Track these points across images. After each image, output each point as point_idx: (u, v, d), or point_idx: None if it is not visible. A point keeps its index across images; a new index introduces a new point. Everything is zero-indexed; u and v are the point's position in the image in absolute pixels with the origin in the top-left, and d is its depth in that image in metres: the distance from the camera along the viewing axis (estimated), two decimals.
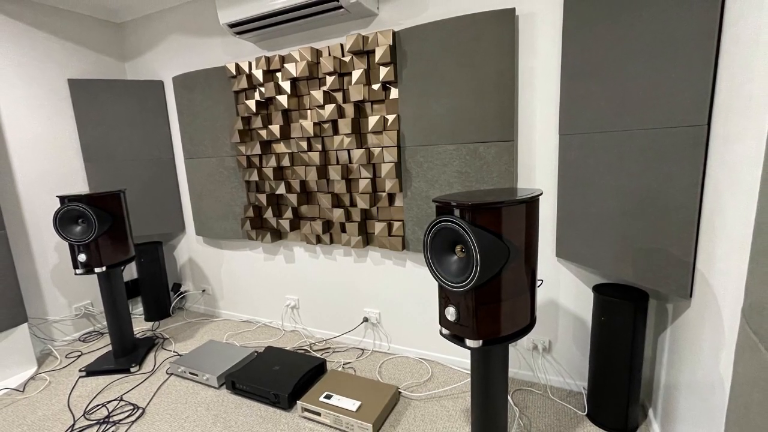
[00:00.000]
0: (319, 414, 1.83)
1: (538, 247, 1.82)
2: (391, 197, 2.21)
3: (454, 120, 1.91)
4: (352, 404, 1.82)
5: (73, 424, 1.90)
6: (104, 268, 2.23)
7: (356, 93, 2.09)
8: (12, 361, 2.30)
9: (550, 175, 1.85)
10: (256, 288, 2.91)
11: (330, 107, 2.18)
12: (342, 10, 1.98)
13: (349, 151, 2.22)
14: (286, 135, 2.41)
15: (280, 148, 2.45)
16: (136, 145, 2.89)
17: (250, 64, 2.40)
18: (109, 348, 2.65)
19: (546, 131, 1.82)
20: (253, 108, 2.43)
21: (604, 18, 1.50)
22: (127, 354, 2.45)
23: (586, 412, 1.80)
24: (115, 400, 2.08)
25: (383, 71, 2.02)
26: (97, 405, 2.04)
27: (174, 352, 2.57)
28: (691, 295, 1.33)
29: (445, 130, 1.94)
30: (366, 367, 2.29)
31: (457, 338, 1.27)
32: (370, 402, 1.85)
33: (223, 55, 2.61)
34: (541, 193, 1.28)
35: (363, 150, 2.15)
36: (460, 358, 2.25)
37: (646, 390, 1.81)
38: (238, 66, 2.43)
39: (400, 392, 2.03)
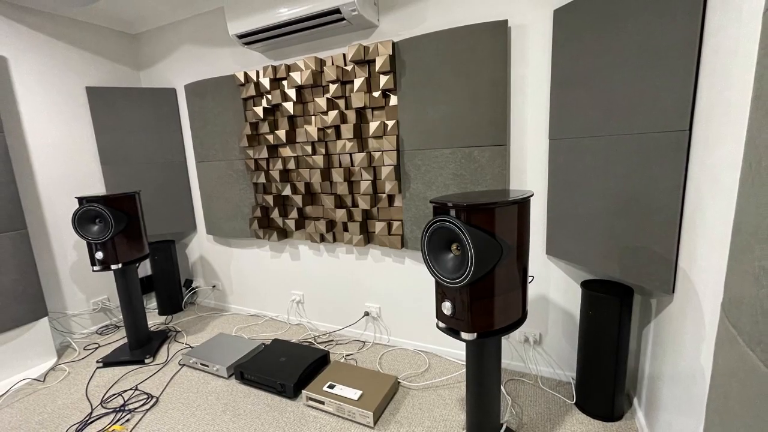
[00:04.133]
0: (322, 402, 1.83)
1: (529, 245, 1.82)
2: (390, 198, 2.21)
3: (450, 125, 1.91)
4: (353, 393, 1.82)
5: (91, 412, 1.90)
6: (120, 265, 2.23)
7: (358, 100, 2.09)
8: (33, 353, 2.30)
9: (541, 178, 1.85)
10: (264, 284, 2.91)
11: (333, 113, 2.18)
12: (344, 21, 1.98)
13: (351, 154, 2.21)
14: (291, 140, 2.41)
15: (286, 152, 2.45)
16: (150, 149, 2.89)
17: (257, 72, 2.40)
18: (125, 340, 2.65)
19: (537, 136, 1.82)
20: (261, 114, 2.43)
21: (592, 29, 1.50)
22: (141, 346, 2.45)
23: (574, 401, 1.80)
24: (130, 389, 2.08)
25: (383, 79, 2.02)
26: (114, 394, 2.04)
27: (186, 344, 2.57)
28: (673, 291, 1.33)
29: (441, 135, 1.94)
30: (367, 359, 2.29)
31: (453, 331, 1.28)
32: (370, 391, 1.85)
33: (232, 65, 2.61)
34: (532, 195, 1.28)
35: (364, 154, 2.15)
36: (455, 350, 2.25)
37: (631, 380, 1.81)
38: (246, 74, 2.43)
39: (399, 382, 2.03)
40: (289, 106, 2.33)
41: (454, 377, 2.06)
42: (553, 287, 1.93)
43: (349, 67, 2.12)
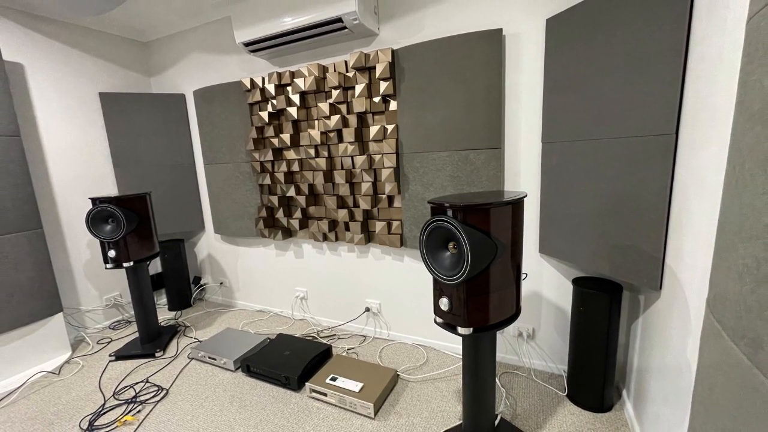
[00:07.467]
0: (325, 394, 1.83)
1: (523, 244, 1.82)
2: (390, 199, 2.21)
3: (448, 129, 1.91)
4: (355, 386, 1.82)
5: (104, 404, 1.90)
6: (132, 263, 2.23)
7: (359, 105, 2.09)
8: (49, 347, 2.30)
9: (534, 179, 1.85)
10: (269, 281, 2.90)
11: (335, 118, 2.18)
12: (346, 30, 1.98)
13: (352, 157, 2.21)
14: (295, 143, 2.41)
15: (291, 154, 2.45)
16: (160, 152, 2.89)
17: (263, 79, 2.40)
18: (136, 335, 2.65)
19: (530, 139, 1.82)
20: (266, 118, 2.43)
21: (582, 38, 1.50)
22: (152, 340, 2.46)
23: (566, 393, 1.80)
24: (141, 381, 2.08)
25: (383, 85, 2.02)
26: (126, 386, 2.04)
27: (195, 338, 2.57)
28: (660, 288, 1.33)
29: (439, 138, 1.94)
30: (368, 352, 2.29)
31: (450, 326, 1.27)
32: (371, 383, 1.85)
33: (238, 71, 2.61)
34: (526, 196, 1.28)
35: (365, 156, 2.15)
36: (452, 344, 2.25)
37: (621, 373, 1.81)
38: (252, 81, 2.43)
39: (398, 375, 2.03)
40: (293, 111, 2.33)
41: (451, 370, 2.06)
42: (545, 284, 1.93)
43: (350, 74, 2.12)
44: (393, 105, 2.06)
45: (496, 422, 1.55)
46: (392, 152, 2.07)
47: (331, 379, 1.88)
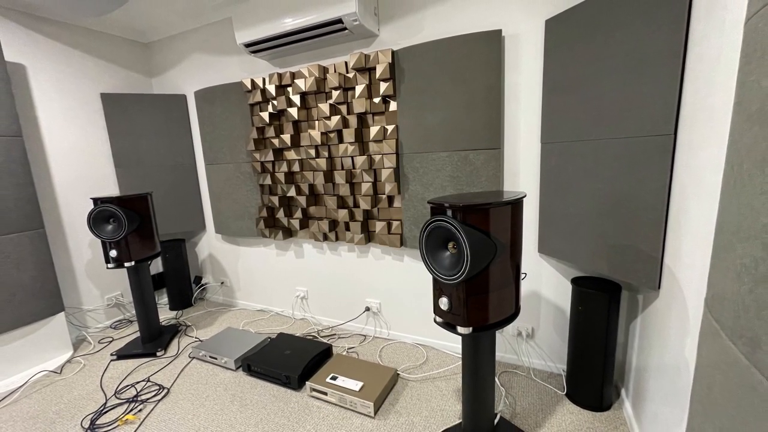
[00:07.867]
0: (325, 393, 1.83)
1: (522, 243, 1.82)
2: (390, 199, 2.21)
3: (447, 130, 1.91)
4: (355, 385, 1.82)
5: (105, 402, 1.90)
6: (133, 263, 2.23)
7: (359, 106, 2.09)
8: (50, 346, 2.30)
9: (533, 179, 1.85)
10: (270, 280, 2.90)
11: (335, 118, 2.18)
12: (346, 31, 1.98)
13: (352, 157, 2.21)
14: (296, 143, 2.41)
15: (291, 155, 2.45)
16: (161, 153, 2.89)
17: (264, 79, 2.40)
18: (138, 334, 2.65)
19: (529, 140, 1.82)
20: (267, 119, 2.43)
21: (581, 38, 1.50)
22: (153, 340, 2.45)
23: (565, 392, 1.80)
24: (142, 381, 2.08)
25: (383, 86, 2.02)
26: (127, 385, 2.04)
27: (196, 338, 2.57)
28: (659, 287, 1.33)
29: (438, 139, 1.94)
30: (368, 352, 2.29)
31: (449, 326, 1.27)
32: (371, 383, 1.85)
33: (239, 72, 2.61)
34: (525, 196, 1.28)
35: (365, 157, 2.15)
36: (452, 344, 2.25)
37: (619, 372, 1.81)
38: (253, 81, 2.43)
39: (398, 374, 2.03)
40: (293, 111, 2.33)
41: (451, 369, 2.06)
42: (544, 284, 1.93)
43: (350, 75, 2.12)
44: (393, 105, 2.05)
45: (496, 421, 1.55)
46: (392, 152, 2.07)
47: (331, 378, 1.88)
